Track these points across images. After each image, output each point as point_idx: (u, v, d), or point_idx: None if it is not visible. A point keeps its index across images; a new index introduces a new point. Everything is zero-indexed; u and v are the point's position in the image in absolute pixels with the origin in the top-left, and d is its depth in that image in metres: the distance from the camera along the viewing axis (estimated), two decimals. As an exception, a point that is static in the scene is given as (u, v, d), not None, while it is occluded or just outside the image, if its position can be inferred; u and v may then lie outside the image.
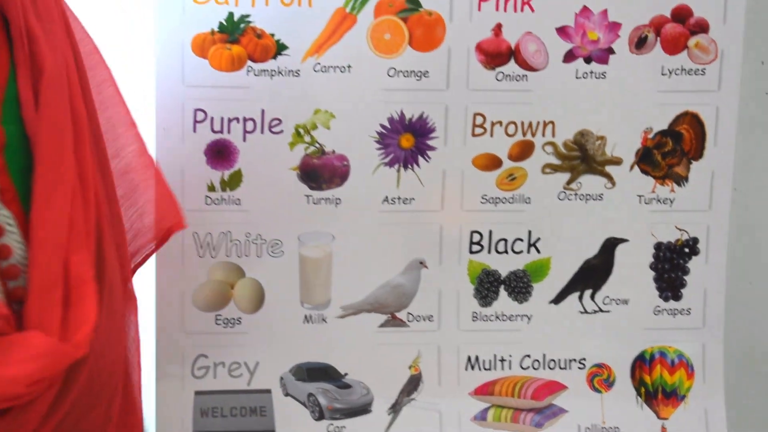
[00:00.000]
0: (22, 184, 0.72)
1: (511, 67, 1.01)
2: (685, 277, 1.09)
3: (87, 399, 0.74)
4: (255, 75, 0.99)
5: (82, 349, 0.68)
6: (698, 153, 1.06)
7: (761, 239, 1.17)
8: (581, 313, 1.09)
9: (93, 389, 0.74)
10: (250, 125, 1.00)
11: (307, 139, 1.00)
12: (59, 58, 0.76)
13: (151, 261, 0.94)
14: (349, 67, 1.00)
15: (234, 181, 1.00)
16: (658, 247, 1.08)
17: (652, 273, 1.09)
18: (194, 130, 0.99)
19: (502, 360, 1.09)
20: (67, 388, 0.70)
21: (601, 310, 1.09)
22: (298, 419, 1.05)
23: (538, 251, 1.07)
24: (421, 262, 1.06)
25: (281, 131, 1.00)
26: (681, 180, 1.06)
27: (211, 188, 1.00)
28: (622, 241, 1.08)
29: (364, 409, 1.07)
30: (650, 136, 1.06)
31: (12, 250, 0.69)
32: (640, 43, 1.00)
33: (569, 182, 1.05)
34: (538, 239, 1.07)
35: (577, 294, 1.09)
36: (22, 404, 0.67)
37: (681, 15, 1.01)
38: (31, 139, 0.73)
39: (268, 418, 1.05)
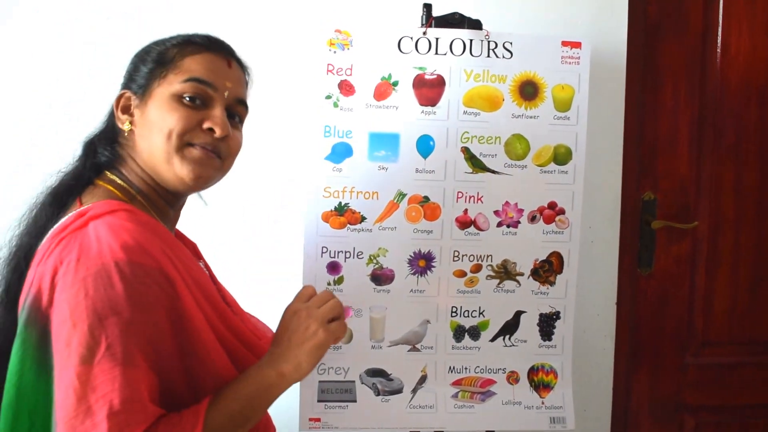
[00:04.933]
0: None
1: (472, 229, 1.74)
2: (553, 330, 1.79)
3: None
4: (350, 231, 1.70)
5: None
6: (560, 270, 1.78)
7: (590, 313, 2.01)
8: (504, 346, 1.78)
9: None
10: (348, 255, 1.71)
11: (374, 261, 1.72)
12: None
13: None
14: (395, 228, 1.71)
15: (340, 280, 1.71)
16: (541, 315, 1.78)
17: (538, 328, 1.79)
18: (321, 256, 1.71)
19: (466, 368, 1.78)
20: None
21: (513, 345, 1.79)
22: (366, 395, 1.73)
23: (484, 316, 1.77)
24: (428, 321, 1.75)
25: (362, 257, 1.72)
26: (552, 283, 1.78)
27: (329, 284, 1.70)
28: (524, 312, 1.78)
29: (399, 390, 1.74)
30: (537, 262, 1.78)
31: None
32: (533, 219, 1.76)
33: (499, 284, 1.77)
34: (484, 310, 1.77)
35: (502, 337, 1.78)
36: None
37: (552, 205, 1.75)
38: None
39: (353, 394, 1.74)
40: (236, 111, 1.26)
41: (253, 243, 1.99)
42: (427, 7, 1.75)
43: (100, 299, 0.96)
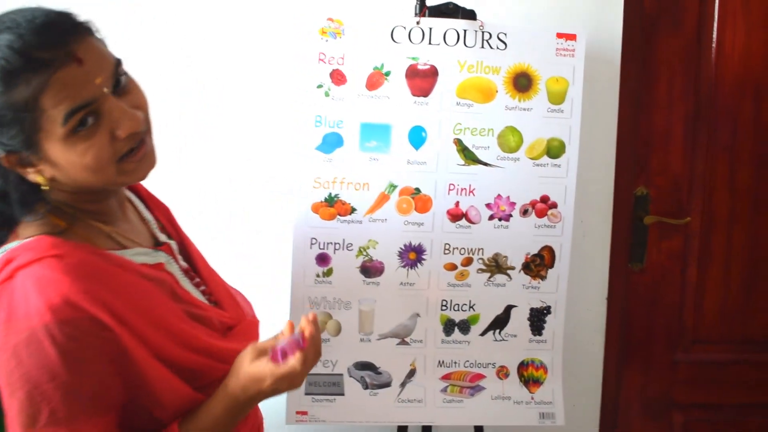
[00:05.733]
0: None
1: (463, 222, 1.74)
2: (544, 325, 1.80)
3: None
4: (340, 222, 1.70)
5: (252, 311, 1.33)
6: (551, 265, 1.78)
7: (581, 308, 2.01)
8: (494, 341, 1.79)
9: None
10: (338, 246, 1.71)
11: (364, 253, 1.72)
12: None
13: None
14: (385, 219, 1.71)
15: (329, 272, 1.71)
16: (531, 310, 1.80)
17: (528, 322, 1.80)
18: (310, 248, 1.70)
19: (455, 362, 1.78)
20: None
21: (503, 339, 1.79)
22: (354, 388, 1.73)
23: (474, 310, 1.78)
24: (417, 314, 1.75)
25: (352, 249, 1.71)
26: (543, 278, 1.78)
27: (318, 275, 1.70)
28: (514, 306, 1.79)
29: (387, 384, 1.74)
30: (529, 256, 1.78)
31: (207, 290, 1.22)
32: (524, 212, 1.75)
33: (489, 277, 1.77)
34: (474, 304, 1.77)
35: (492, 331, 1.79)
36: None
37: (544, 199, 1.75)
38: (177, 241, 1.26)
39: (341, 387, 1.73)
40: (118, 78, 1.03)
41: (241, 234, 1.97)
42: (421, -4, 1.72)
43: (35, 366, 0.93)
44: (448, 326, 1.79)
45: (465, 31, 1.70)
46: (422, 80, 1.70)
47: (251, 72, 1.91)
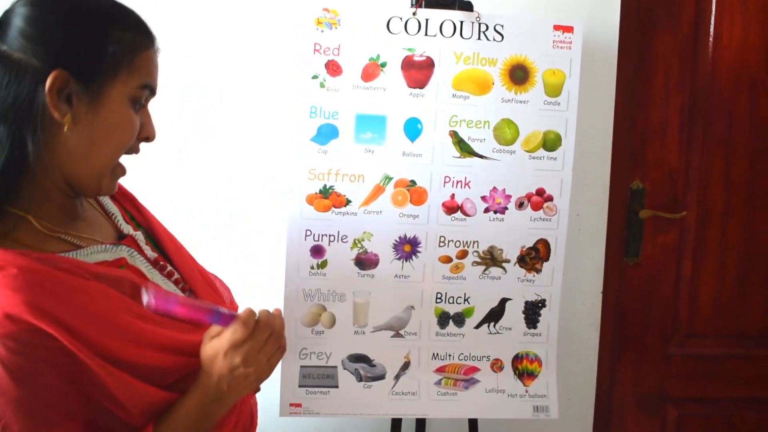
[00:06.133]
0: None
1: (458, 214, 1.73)
2: (539, 318, 1.79)
3: None
4: (335, 214, 1.69)
5: (230, 295, 1.32)
6: (546, 258, 1.77)
7: (576, 301, 2.01)
8: (488, 333, 1.78)
9: None
10: (332, 238, 1.70)
11: (359, 245, 1.71)
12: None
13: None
14: (380, 212, 1.70)
15: (323, 264, 1.70)
16: (526, 303, 1.79)
17: (523, 315, 1.79)
18: (304, 240, 1.69)
19: (450, 355, 1.78)
20: None
21: (498, 332, 1.79)
22: (348, 381, 1.73)
23: (469, 303, 1.77)
24: (412, 306, 1.75)
25: (347, 241, 1.70)
26: (538, 271, 1.78)
27: (312, 267, 1.70)
28: (509, 299, 1.78)
29: (381, 377, 1.74)
30: (524, 249, 1.77)
31: (180, 279, 1.19)
32: (520, 205, 1.74)
33: (484, 270, 1.76)
34: (469, 297, 1.76)
35: (487, 324, 1.78)
36: None
37: (540, 192, 1.74)
38: (147, 230, 1.22)
39: (335, 380, 1.73)
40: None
41: (235, 225, 1.96)
42: (418, -13, 1.72)
43: None
44: (443, 319, 1.79)
45: (462, 22, 1.69)
46: (418, 72, 1.69)
47: (246, 64, 1.90)
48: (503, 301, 1.80)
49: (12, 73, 0.94)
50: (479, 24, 1.69)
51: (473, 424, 1.82)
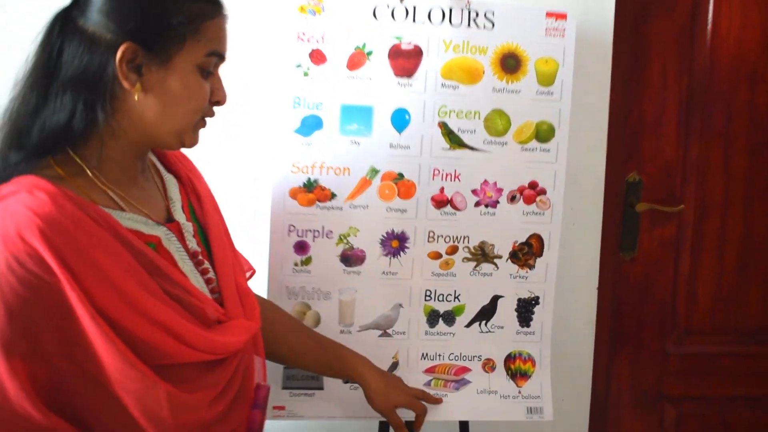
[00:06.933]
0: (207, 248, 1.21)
1: (448, 208, 1.68)
2: (532, 316, 1.75)
3: (251, 351, 1.25)
4: (320, 209, 1.64)
5: (258, 325, 1.23)
6: (540, 253, 1.73)
7: (570, 298, 1.96)
8: (480, 332, 1.74)
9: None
10: (317, 234, 1.65)
11: (345, 241, 1.67)
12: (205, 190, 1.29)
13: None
14: (367, 206, 1.65)
15: (307, 261, 1.66)
16: (519, 300, 1.74)
17: (516, 313, 1.75)
18: (288, 235, 1.65)
19: (439, 355, 1.74)
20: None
21: (489, 331, 1.74)
22: (334, 382, 1.67)
23: (459, 300, 1.72)
24: (400, 305, 1.70)
25: (332, 237, 1.66)
26: (531, 267, 1.73)
27: (296, 264, 1.65)
28: (501, 296, 1.74)
29: None
30: (516, 244, 1.73)
31: (214, 279, 1.19)
32: (512, 199, 1.70)
33: (475, 267, 1.72)
34: (460, 294, 1.72)
35: (478, 322, 1.74)
36: (230, 355, 1.14)
37: (533, 185, 1.70)
38: (203, 227, 1.23)
39: (320, 381, 1.68)
40: None
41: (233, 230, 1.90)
42: (405, -28, 1.67)
43: None
44: (432, 317, 1.74)
45: (451, 9, 1.64)
46: (406, 60, 1.64)
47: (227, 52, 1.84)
48: (495, 299, 1.75)
49: (85, 46, 1.02)
50: (469, 11, 1.64)
51: (464, 426, 1.77)
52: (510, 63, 1.68)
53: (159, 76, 1.05)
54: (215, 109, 1.16)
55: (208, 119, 1.16)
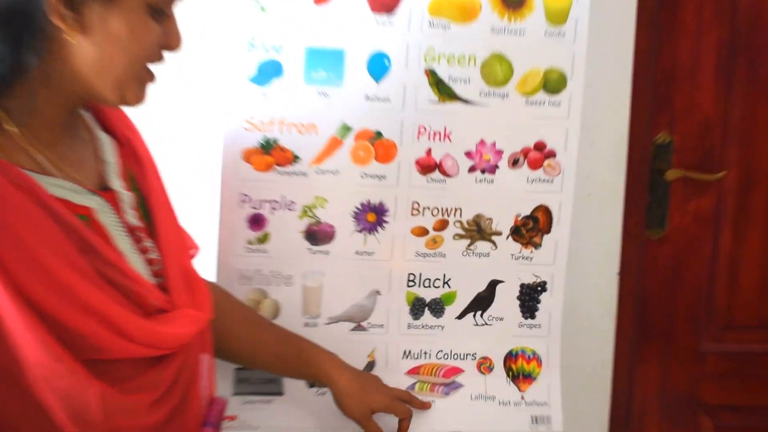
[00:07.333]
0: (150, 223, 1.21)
1: (436, 174, 1.70)
2: (538, 305, 1.77)
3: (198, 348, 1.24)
4: (279, 174, 1.65)
5: (209, 316, 1.24)
6: (547, 229, 1.75)
7: (585, 284, 1.99)
8: (474, 325, 1.76)
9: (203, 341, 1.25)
10: (276, 205, 1.66)
11: (310, 214, 1.68)
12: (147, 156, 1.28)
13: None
14: (336, 171, 1.66)
15: (264, 238, 1.67)
16: (522, 286, 1.76)
17: (518, 302, 1.77)
18: (240, 207, 1.66)
19: (425, 353, 1.75)
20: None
21: (486, 324, 1.77)
22: (296, 387, 1.69)
23: (449, 287, 1.74)
24: (377, 291, 1.71)
25: (294, 209, 1.67)
26: (537, 245, 1.76)
27: (250, 242, 1.66)
28: (500, 282, 1.76)
29: None
30: (519, 218, 1.75)
31: (156, 260, 1.18)
32: (514, 163, 1.72)
33: (469, 245, 1.74)
34: (450, 279, 1.74)
35: (472, 313, 1.76)
36: (175, 351, 1.14)
37: (539, 146, 1.72)
38: (145, 197, 1.23)
39: (279, 385, 1.70)
40: None
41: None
42: None
43: None
44: (417, 307, 1.77)
45: (440, -72, 1.65)
46: (385, -8, 1.65)
47: None
48: (493, 284, 1.78)
49: None
50: (462, -69, 1.66)
51: (456, 439, 1.80)
52: (513, -4, 1.69)
53: (101, 15, 1.05)
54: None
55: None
